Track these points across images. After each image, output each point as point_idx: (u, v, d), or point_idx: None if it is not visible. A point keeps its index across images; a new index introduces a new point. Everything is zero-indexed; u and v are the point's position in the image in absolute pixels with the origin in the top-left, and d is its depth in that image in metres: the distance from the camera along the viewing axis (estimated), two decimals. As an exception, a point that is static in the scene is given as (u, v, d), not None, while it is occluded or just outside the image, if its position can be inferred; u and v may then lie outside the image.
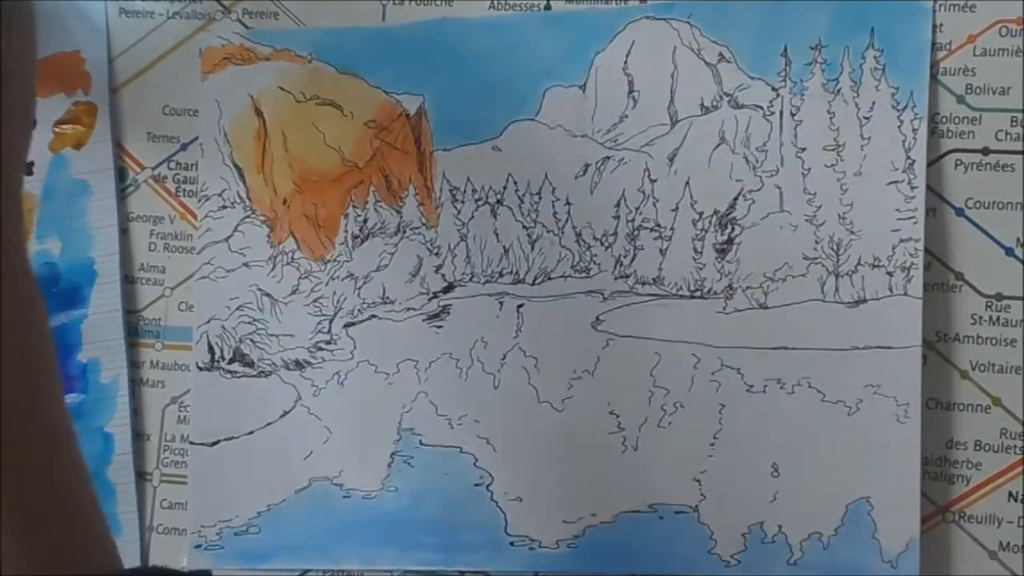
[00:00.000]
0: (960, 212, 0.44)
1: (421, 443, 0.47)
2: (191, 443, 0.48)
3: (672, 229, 0.46)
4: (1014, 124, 0.44)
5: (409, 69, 0.48)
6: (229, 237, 0.49)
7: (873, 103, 0.45)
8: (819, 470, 0.44)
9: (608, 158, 0.47)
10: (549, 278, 0.47)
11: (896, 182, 0.44)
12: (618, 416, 0.46)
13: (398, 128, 0.48)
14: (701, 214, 0.46)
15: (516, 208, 0.47)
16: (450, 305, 0.47)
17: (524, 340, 0.47)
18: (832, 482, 0.44)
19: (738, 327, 0.45)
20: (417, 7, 0.49)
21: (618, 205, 0.46)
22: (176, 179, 0.50)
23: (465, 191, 0.48)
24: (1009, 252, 0.44)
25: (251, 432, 0.48)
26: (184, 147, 0.50)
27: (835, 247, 0.45)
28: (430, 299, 0.48)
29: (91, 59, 0.51)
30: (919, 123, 0.44)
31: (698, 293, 0.46)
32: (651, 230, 0.46)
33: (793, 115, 0.46)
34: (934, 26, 0.45)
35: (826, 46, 0.45)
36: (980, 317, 0.44)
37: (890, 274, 0.44)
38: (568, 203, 0.47)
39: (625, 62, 0.47)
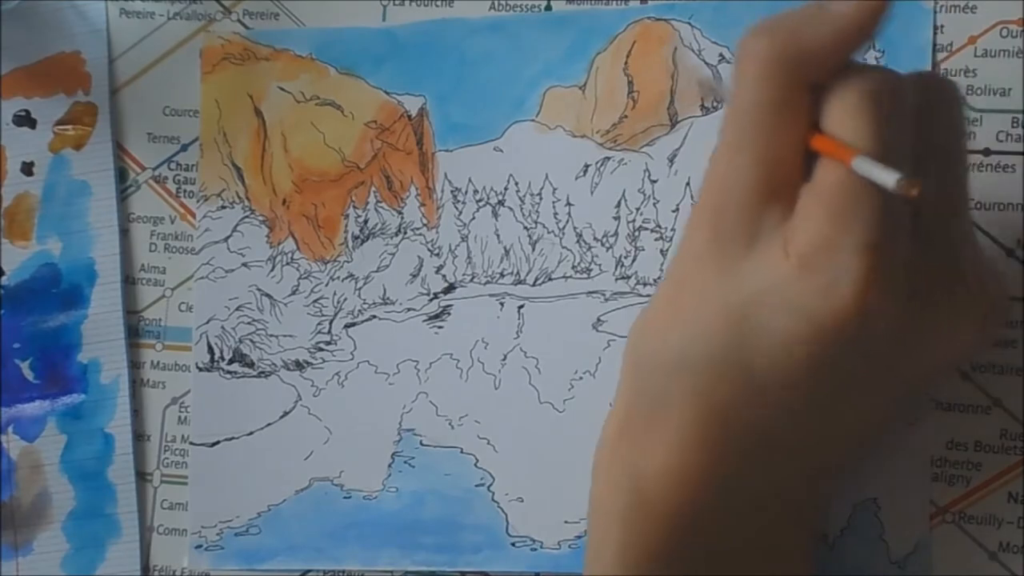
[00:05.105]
0: (961, 213, 0.44)
1: (421, 443, 0.47)
2: (191, 444, 0.48)
3: (673, 230, 0.46)
4: (1015, 125, 0.44)
5: (410, 70, 0.48)
6: (228, 237, 0.49)
7: (874, 104, 0.45)
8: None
9: (608, 158, 0.47)
10: (550, 279, 0.47)
11: (897, 183, 0.44)
12: (619, 416, 0.46)
13: (400, 129, 0.48)
14: (702, 215, 0.46)
15: (517, 209, 0.47)
16: (451, 306, 0.47)
17: (525, 341, 0.47)
18: (837, 483, 0.44)
19: (739, 328, 0.45)
20: (417, 7, 0.49)
21: (618, 206, 0.46)
22: (176, 180, 0.50)
23: (466, 192, 0.48)
24: (1010, 253, 0.44)
25: (251, 432, 0.48)
26: (185, 148, 0.50)
27: (836, 248, 0.45)
28: (431, 300, 0.48)
29: (91, 59, 0.51)
30: (922, 125, 0.44)
31: (699, 294, 0.46)
32: (652, 231, 0.46)
33: (794, 116, 0.45)
34: (935, 27, 0.45)
35: (827, 47, 0.45)
36: (980, 318, 0.44)
37: (891, 275, 0.44)
38: (569, 204, 0.47)
39: (625, 63, 0.47)
